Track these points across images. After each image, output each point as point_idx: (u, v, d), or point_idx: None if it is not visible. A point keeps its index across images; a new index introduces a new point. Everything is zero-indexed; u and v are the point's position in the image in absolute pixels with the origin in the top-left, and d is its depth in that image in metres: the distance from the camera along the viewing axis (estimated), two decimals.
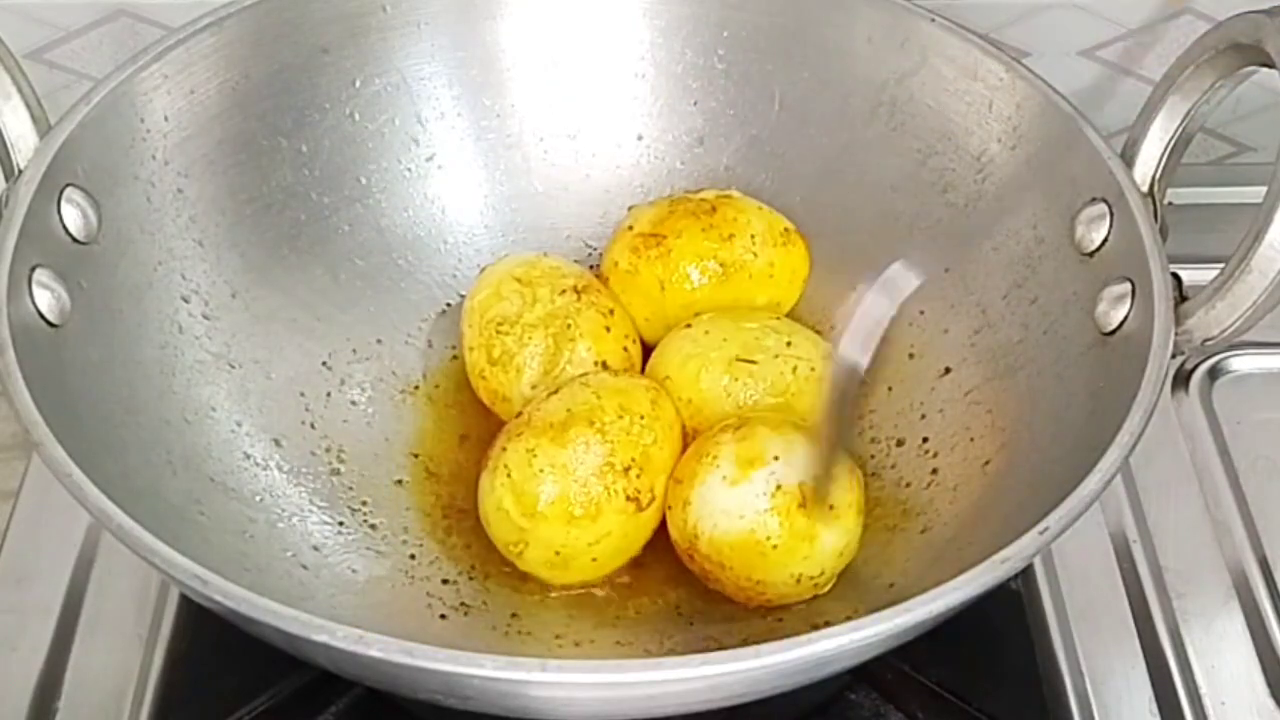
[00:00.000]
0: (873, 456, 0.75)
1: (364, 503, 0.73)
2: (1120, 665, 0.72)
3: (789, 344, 0.74)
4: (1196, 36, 0.68)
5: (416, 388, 0.78)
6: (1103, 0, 0.89)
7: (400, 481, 0.74)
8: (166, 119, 0.72)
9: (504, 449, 0.69)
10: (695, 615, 0.70)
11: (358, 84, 0.78)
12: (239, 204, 0.75)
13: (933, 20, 0.76)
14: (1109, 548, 0.77)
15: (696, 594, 0.70)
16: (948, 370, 0.75)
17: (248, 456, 0.71)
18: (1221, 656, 0.73)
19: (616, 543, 0.69)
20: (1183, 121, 0.69)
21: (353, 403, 0.76)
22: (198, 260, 0.73)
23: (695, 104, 0.83)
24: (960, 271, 0.76)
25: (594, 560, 0.69)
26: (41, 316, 0.63)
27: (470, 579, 0.70)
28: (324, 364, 0.76)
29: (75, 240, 0.66)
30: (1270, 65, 0.64)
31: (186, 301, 0.72)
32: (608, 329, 0.76)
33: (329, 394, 0.76)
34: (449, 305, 0.81)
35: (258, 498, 0.70)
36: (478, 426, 0.77)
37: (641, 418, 0.70)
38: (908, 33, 0.77)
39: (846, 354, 0.60)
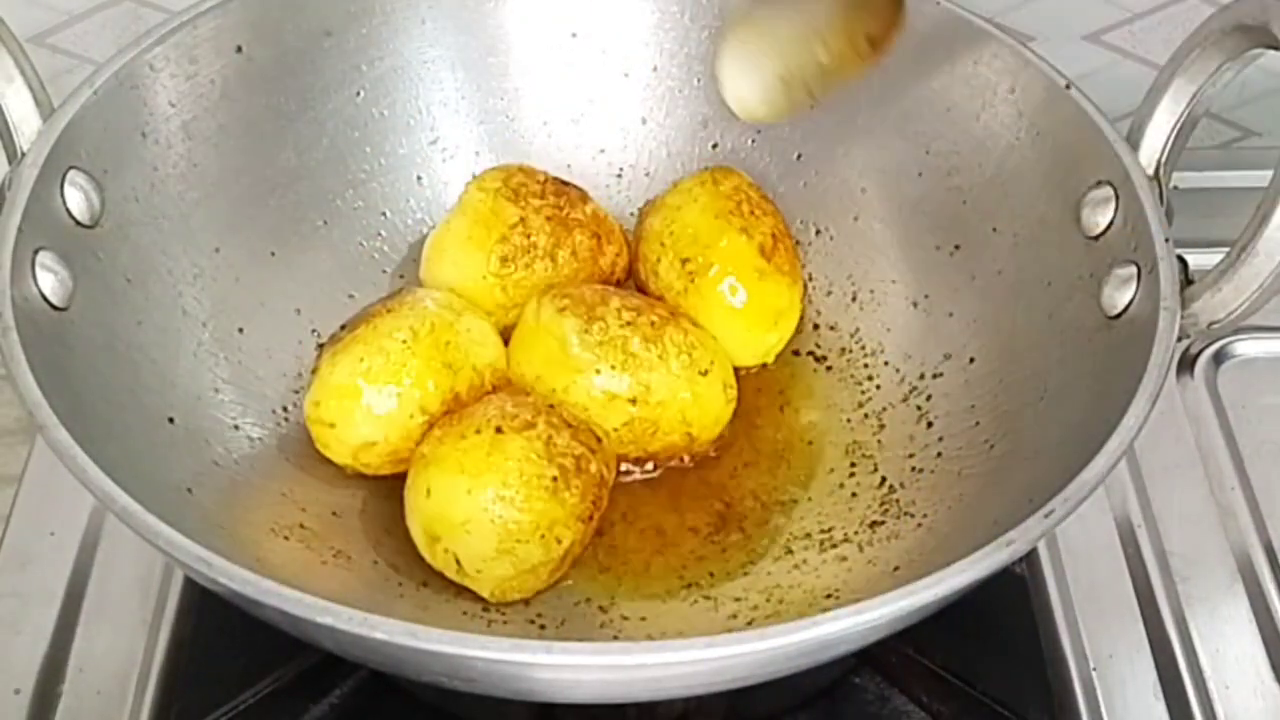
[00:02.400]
0: (878, 439, 0.75)
1: (373, 492, 0.72)
2: (1125, 649, 0.72)
3: None
4: (1202, 19, 0.68)
5: None
6: None
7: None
8: (170, 102, 0.72)
9: None
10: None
11: (361, 67, 0.78)
12: (242, 187, 0.75)
13: (938, 4, 0.76)
14: (1113, 532, 0.77)
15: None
16: (951, 354, 0.75)
17: (250, 439, 0.71)
18: (1226, 640, 0.73)
19: None
20: (1189, 105, 0.69)
21: None
22: (201, 243, 0.73)
23: (700, 88, 0.83)
24: (965, 255, 0.76)
25: None
26: (45, 299, 0.63)
27: None
28: (324, 346, 0.76)
29: (78, 223, 0.66)
30: (1276, 47, 0.64)
31: (190, 284, 0.72)
32: None
33: None
34: None
35: (261, 480, 0.70)
36: None
37: None
38: (914, 16, 0.76)
39: None
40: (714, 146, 0.84)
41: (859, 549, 0.70)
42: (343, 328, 0.72)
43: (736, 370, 0.76)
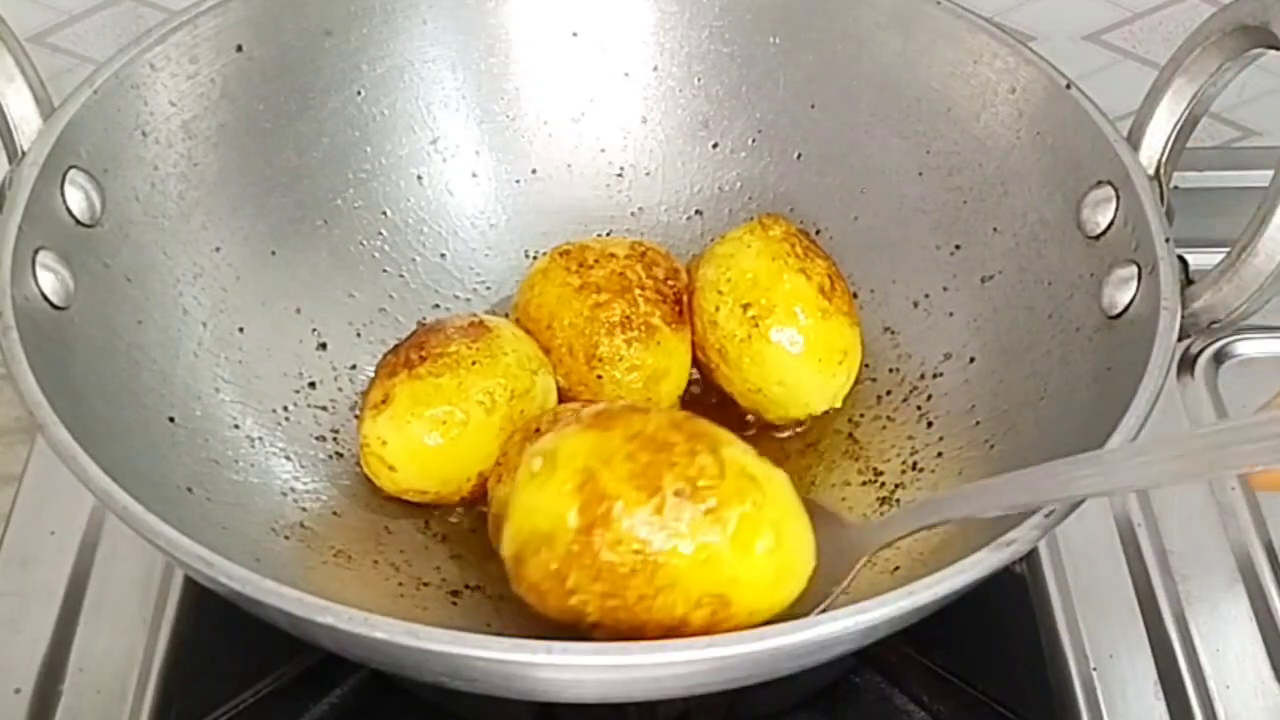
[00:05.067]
0: (879, 439, 0.75)
1: (373, 492, 0.73)
2: (1125, 649, 0.72)
3: None
4: (1202, 19, 0.68)
5: None
6: None
7: None
8: (170, 102, 0.72)
9: None
10: None
11: (362, 67, 0.78)
12: (242, 186, 0.75)
13: (939, 4, 0.76)
14: (1114, 531, 0.77)
15: None
16: (951, 354, 0.75)
17: (250, 439, 0.71)
18: (1226, 640, 0.73)
19: None
20: (1189, 104, 0.69)
21: (354, 384, 0.76)
22: (201, 242, 0.73)
23: (700, 88, 0.83)
24: (965, 255, 0.76)
25: None
26: (45, 299, 0.63)
27: (467, 562, 0.70)
28: (325, 345, 0.76)
29: (79, 222, 0.66)
30: (1276, 47, 0.64)
31: (190, 283, 0.72)
32: None
33: (331, 376, 0.76)
34: (451, 289, 0.81)
35: (262, 480, 0.70)
36: None
37: None
38: (913, 16, 0.77)
39: None
40: (714, 146, 0.84)
41: None
42: (417, 352, 0.70)
43: (801, 421, 0.76)
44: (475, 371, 0.70)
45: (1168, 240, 0.65)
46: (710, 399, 0.76)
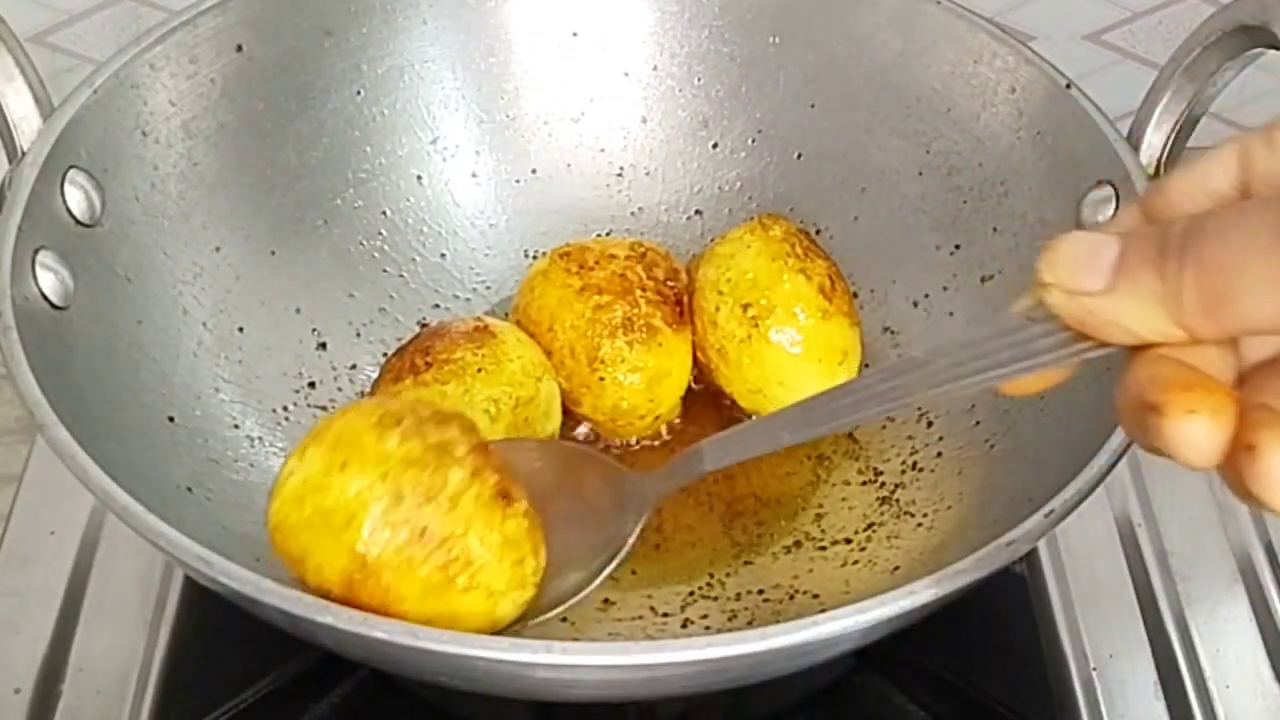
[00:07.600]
0: (879, 439, 0.75)
1: None
2: (1125, 649, 0.72)
3: None
4: (1202, 19, 0.68)
5: None
6: None
7: None
8: (170, 101, 0.72)
9: None
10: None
11: (362, 67, 0.78)
12: (242, 186, 0.75)
13: (939, 3, 0.76)
14: (1114, 531, 0.77)
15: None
16: None
17: (250, 439, 0.71)
18: (1226, 640, 0.73)
19: None
20: (1189, 104, 0.69)
21: (353, 384, 0.76)
22: (201, 242, 0.73)
23: (700, 88, 0.83)
24: (965, 255, 0.76)
25: None
26: (45, 298, 0.63)
27: None
28: (325, 345, 0.76)
29: (79, 222, 0.66)
30: (1276, 47, 0.64)
31: (190, 283, 0.72)
32: None
33: (331, 376, 0.76)
34: (451, 289, 0.81)
35: (262, 480, 0.70)
36: None
37: None
38: (914, 16, 0.77)
39: None
40: (714, 146, 0.84)
41: (859, 549, 0.70)
42: (423, 357, 0.70)
43: None
44: (481, 379, 0.70)
45: None
46: (710, 399, 0.76)
